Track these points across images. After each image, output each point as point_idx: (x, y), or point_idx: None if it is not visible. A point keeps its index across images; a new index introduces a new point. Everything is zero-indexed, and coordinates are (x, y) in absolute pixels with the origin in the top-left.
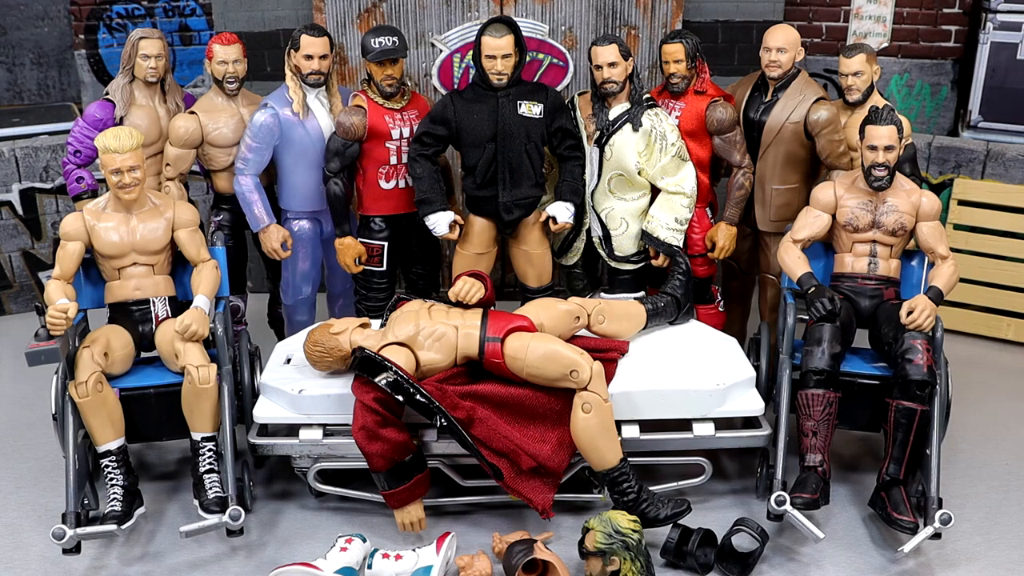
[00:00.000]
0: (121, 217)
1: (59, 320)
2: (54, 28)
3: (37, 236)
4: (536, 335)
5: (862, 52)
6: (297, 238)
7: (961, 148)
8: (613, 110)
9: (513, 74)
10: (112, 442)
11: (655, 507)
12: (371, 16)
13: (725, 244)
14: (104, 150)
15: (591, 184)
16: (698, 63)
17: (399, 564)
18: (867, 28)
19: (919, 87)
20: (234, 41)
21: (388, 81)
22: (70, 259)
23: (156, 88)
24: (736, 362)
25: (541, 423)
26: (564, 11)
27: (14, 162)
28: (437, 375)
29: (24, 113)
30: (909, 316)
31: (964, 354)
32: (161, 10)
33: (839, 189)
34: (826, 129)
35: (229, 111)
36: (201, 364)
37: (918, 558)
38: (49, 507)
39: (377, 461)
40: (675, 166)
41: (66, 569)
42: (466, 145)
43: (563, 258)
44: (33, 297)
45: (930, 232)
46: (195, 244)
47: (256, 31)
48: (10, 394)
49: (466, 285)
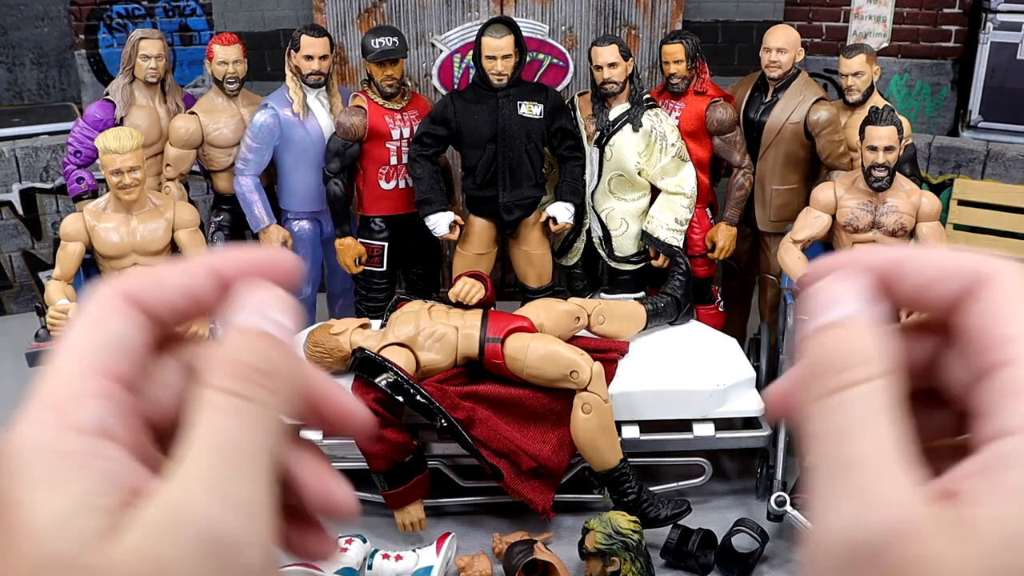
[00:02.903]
0: (121, 218)
1: (59, 321)
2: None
3: (37, 236)
4: (536, 336)
5: (862, 52)
6: (297, 238)
7: (961, 148)
8: (613, 110)
9: (513, 74)
10: None
11: (655, 507)
12: (371, 16)
13: (725, 244)
14: (104, 150)
15: (591, 184)
16: (698, 63)
17: (399, 564)
18: (867, 28)
19: (919, 87)
20: (234, 41)
21: (388, 81)
22: (70, 260)
23: (156, 88)
24: (736, 362)
25: (541, 424)
26: (564, 11)
27: (14, 162)
28: (437, 376)
29: (24, 113)
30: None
31: None
32: (161, 10)
33: (839, 189)
34: (826, 129)
35: (229, 111)
36: None
37: None
38: None
39: (377, 462)
40: (675, 166)
41: None
42: (466, 145)
43: (563, 258)
44: (33, 297)
45: (930, 232)
46: (195, 245)
47: (256, 31)
48: (10, 394)
49: (466, 286)
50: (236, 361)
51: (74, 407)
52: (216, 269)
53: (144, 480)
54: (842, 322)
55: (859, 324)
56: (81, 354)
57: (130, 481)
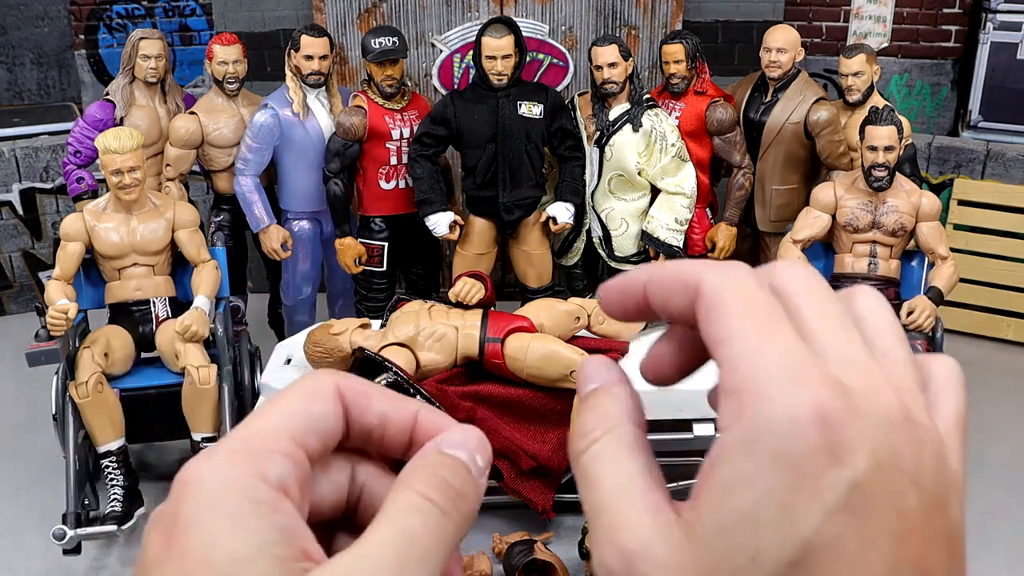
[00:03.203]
0: (121, 218)
1: (59, 321)
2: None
3: (37, 236)
4: (536, 336)
5: (862, 52)
6: (297, 238)
7: (961, 148)
8: (613, 110)
9: (513, 74)
10: (112, 442)
11: None
12: (371, 16)
13: (725, 244)
14: (104, 150)
15: (591, 184)
16: (698, 63)
17: None
18: (867, 28)
19: (919, 87)
20: (234, 41)
21: (388, 81)
22: (70, 260)
23: (156, 88)
24: None
25: (541, 423)
26: (564, 11)
27: (14, 162)
28: (437, 376)
29: (24, 113)
30: (909, 316)
31: (964, 354)
32: (161, 10)
33: (839, 189)
34: (826, 129)
35: (229, 111)
36: (201, 365)
37: None
38: (49, 507)
39: None
40: (675, 166)
41: (66, 569)
42: (466, 146)
43: (563, 258)
44: (33, 297)
45: (930, 232)
46: (195, 244)
47: (256, 31)
48: (10, 394)
49: (466, 286)
50: (440, 477)
51: (266, 459)
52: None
53: (312, 545)
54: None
55: (601, 391)
56: (284, 416)
57: (300, 541)
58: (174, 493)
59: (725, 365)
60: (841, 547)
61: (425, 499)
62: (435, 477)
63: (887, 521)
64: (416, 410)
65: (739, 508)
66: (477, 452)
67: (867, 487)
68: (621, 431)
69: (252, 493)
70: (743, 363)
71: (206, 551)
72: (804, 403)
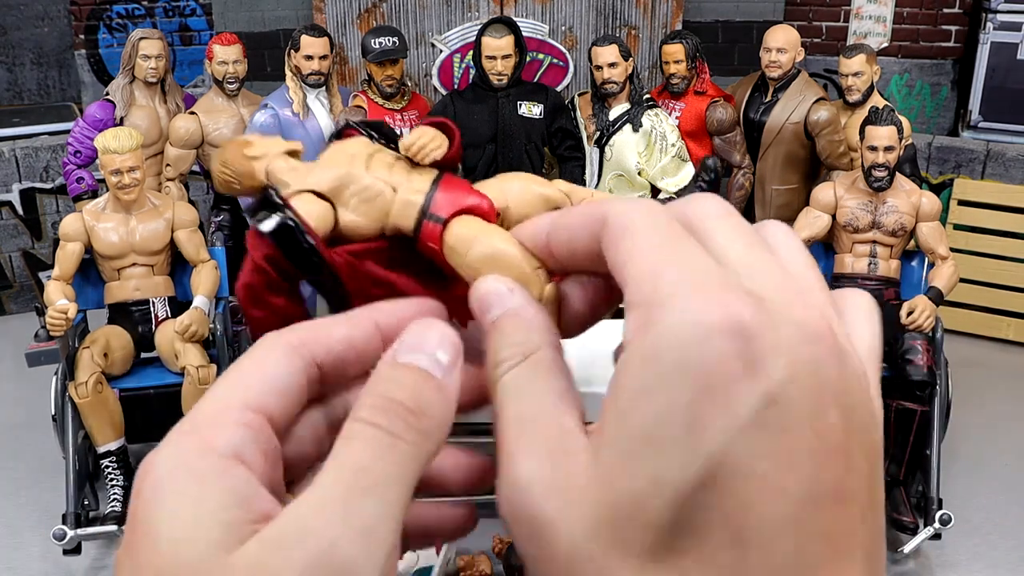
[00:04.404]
0: (121, 218)
1: (59, 321)
2: (54, 28)
3: (37, 236)
4: (489, 228)
5: (862, 52)
6: None
7: (961, 148)
8: (613, 110)
9: (513, 74)
10: (112, 442)
11: None
12: (371, 16)
13: None
14: (104, 150)
15: (591, 185)
16: (698, 63)
17: (399, 564)
18: (867, 28)
19: (919, 87)
20: (234, 41)
21: (388, 81)
22: (69, 260)
23: (156, 88)
24: None
25: None
26: (564, 11)
27: (14, 162)
28: (354, 246)
29: (24, 113)
30: (909, 316)
31: (964, 354)
32: (161, 10)
33: (839, 189)
34: (826, 129)
35: (229, 111)
36: (201, 364)
37: (918, 559)
38: (49, 507)
39: (258, 329)
40: (675, 167)
41: (66, 570)
42: (466, 146)
43: None
44: (33, 297)
45: (930, 232)
46: (194, 244)
47: (256, 31)
48: (10, 394)
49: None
50: (385, 397)
51: (215, 432)
52: (381, 321)
53: (271, 506)
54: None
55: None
56: (232, 386)
57: (256, 504)
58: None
59: (630, 283)
60: (753, 467)
61: (368, 424)
62: (380, 398)
63: (805, 440)
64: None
65: (639, 425)
66: (439, 349)
67: (784, 401)
68: (540, 355)
69: (200, 466)
70: (649, 278)
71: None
72: (713, 310)
